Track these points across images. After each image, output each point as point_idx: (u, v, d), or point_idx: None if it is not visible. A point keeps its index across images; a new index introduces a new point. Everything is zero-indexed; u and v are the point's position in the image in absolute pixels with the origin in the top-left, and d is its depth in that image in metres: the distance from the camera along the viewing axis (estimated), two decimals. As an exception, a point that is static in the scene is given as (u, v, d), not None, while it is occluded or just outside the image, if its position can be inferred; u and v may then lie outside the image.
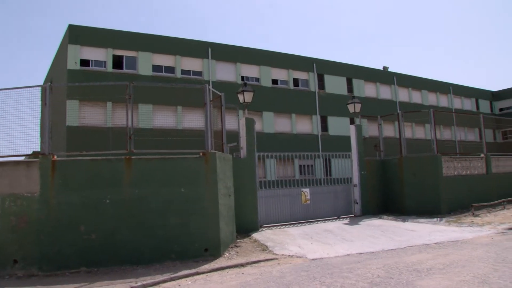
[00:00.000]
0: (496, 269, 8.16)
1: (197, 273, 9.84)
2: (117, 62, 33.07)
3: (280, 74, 41.03)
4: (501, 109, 62.98)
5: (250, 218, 15.87)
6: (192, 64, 36.09)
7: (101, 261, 10.64)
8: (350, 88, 45.35)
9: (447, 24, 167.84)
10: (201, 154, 12.05)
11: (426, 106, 49.05)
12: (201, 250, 11.51)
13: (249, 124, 16.54)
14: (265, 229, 16.36)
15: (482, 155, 22.02)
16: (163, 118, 31.98)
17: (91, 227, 10.80)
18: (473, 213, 17.90)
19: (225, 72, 37.58)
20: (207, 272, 9.96)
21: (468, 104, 59.47)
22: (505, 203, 19.97)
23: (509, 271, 7.98)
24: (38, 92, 11.52)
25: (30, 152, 11.59)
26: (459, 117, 47.99)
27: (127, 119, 11.70)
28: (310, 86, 42.55)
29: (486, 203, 19.25)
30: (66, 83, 29.39)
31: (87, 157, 11.56)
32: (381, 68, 51.42)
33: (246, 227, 15.38)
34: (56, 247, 10.56)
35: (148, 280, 9.24)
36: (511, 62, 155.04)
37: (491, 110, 62.59)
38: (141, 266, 10.67)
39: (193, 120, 29.29)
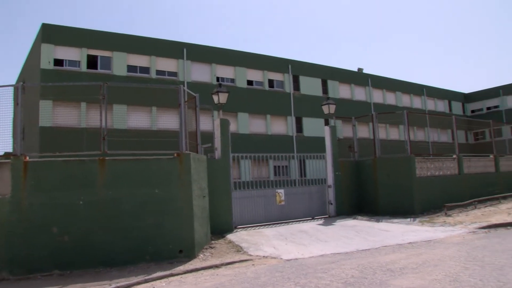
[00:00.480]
0: (467, 268, 8.28)
1: (172, 275, 9.80)
2: (92, 62, 32.73)
3: (255, 75, 41.08)
4: (473, 111, 63.97)
5: (225, 219, 15.87)
6: (167, 64, 35.95)
7: (74, 264, 10.51)
8: (325, 90, 45.58)
9: (421, 27, 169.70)
10: (175, 155, 12.00)
11: (400, 107, 49.51)
12: (176, 252, 11.47)
13: (224, 125, 16.53)
14: (239, 230, 16.36)
15: (454, 156, 22.30)
16: (138, 119, 31.82)
17: (64, 229, 10.66)
18: (446, 213, 18.11)
19: (200, 73, 37.49)
20: (181, 274, 9.92)
21: (441, 106, 60.26)
22: (476, 203, 20.25)
23: (479, 269, 8.10)
24: (10, 91, 11.35)
25: (1, 153, 11.43)
26: (432, 118, 48.57)
27: (100, 120, 11.60)
28: (285, 87, 42.68)
29: (458, 203, 19.50)
30: (39, 83, 29.07)
31: (60, 158, 11.42)
32: (356, 69, 51.81)
33: (220, 228, 15.37)
34: (27, 250, 10.38)
35: (123, 282, 9.17)
36: (483, 65, 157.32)
37: (463, 112, 63.52)
38: (115, 268, 10.57)
39: (168, 121, 29.19)
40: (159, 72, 35.33)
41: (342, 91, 47.55)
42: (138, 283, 9.18)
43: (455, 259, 9.25)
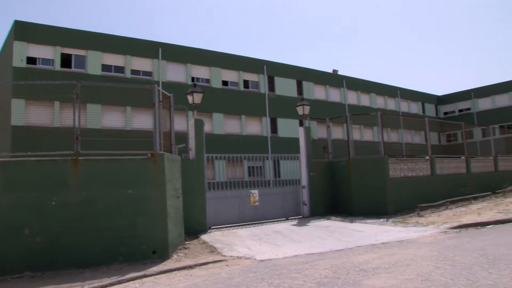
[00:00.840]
0: (438, 267, 8.38)
1: (145, 276, 9.75)
2: (66, 60, 32.39)
3: (231, 75, 41.11)
4: (445, 113, 64.95)
5: (199, 220, 15.83)
6: (142, 64, 35.78)
7: (46, 265, 10.36)
8: (300, 91, 45.80)
9: (395, 29, 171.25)
10: (149, 155, 11.94)
11: (375, 109, 50.00)
12: (149, 252, 11.41)
13: (198, 125, 16.50)
14: (213, 230, 16.35)
15: (427, 157, 22.55)
16: (112, 119, 31.60)
17: (35, 230, 10.50)
18: (418, 214, 18.31)
19: (175, 73, 37.38)
20: (155, 275, 9.88)
21: (414, 108, 61.00)
22: (448, 203, 20.51)
23: (450, 268, 8.21)
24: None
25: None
26: (406, 120, 48.98)
27: (74, 119, 11.51)
28: (260, 88, 42.79)
29: (430, 204, 19.73)
30: (11, 81, 28.76)
31: (32, 158, 11.27)
32: (331, 71, 52.10)
33: (194, 229, 15.33)
34: (-2, 251, 10.25)
35: (95, 283, 9.09)
36: (456, 68, 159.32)
37: (436, 114, 64.40)
38: (88, 269, 10.47)
39: (143, 121, 29.04)
40: (134, 72, 35.16)
41: (317, 92, 47.83)
42: (111, 284, 9.11)
43: (427, 258, 9.36)
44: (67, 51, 32.46)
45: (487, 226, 14.60)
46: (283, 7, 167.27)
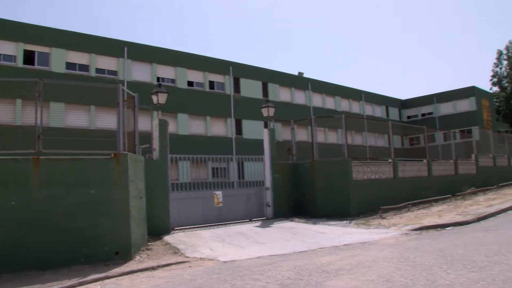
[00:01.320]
0: (399, 268, 8.51)
1: (107, 277, 9.65)
2: (28, 57, 31.81)
3: (196, 76, 41.01)
4: (408, 117, 66.07)
5: (162, 221, 15.72)
6: (107, 63, 35.39)
7: (4, 267, 10.11)
8: (265, 92, 45.95)
9: (360, 33, 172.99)
10: (112, 155, 11.83)
11: (339, 111, 50.47)
12: (112, 253, 11.30)
13: (162, 125, 16.40)
14: (177, 231, 16.26)
15: (390, 160, 22.85)
16: (76, 118, 31.15)
17: (-6, 230, 10.33)
18: (381, 216, 18.53)
19: (141, 73, 37.09)
20: (117, 276, 9.78)
21: (378, 111, 61.85)
22: (410, 205, 20.81)
23: (410, 269, 8.35)
24: None
25: None
26: (370, 123, 49.66)
27: (36, 118, 11.35)
28: (226, 89, 42.80)
29: (393, 206, 20.01)
30: (-30, 78, 28.10)
31: (-8, 157, 11.07)
32: (296, 73, 52.39)
33: (158, 230, 15.21)
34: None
35: (55, 285, 8.96)
36: (419, 73, 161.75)
37: (400, 118, 65.44)
38: (49, 271, 10.29)
39: (107, 120, 28.69)
40: (99, 70, 34.74)
41: (283, 94, 48.06)
42: (72, 286, 8.99)
43: (388, 260, 9.49)
44: (30, 47, 31.88)
45: (447, 228, 14.90)
46: (250, 9, 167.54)
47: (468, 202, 22.47)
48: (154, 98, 17.09)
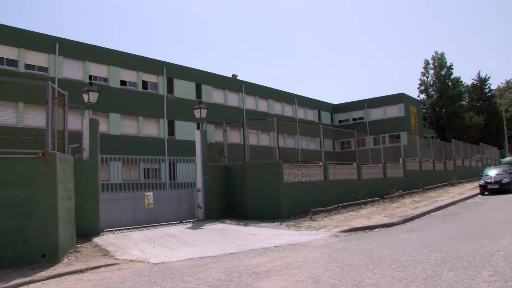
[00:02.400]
0: (328, 269, 8.70)
1: (32, 281, 9.37)
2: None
3: (129, 75, 40.38)
4: (340, 121, 67.53)
5: (92, 222, 15.40)
6: (37, 58, 34.13)
7: None
8: (199, 94, 45.79)
9: (294, 37, 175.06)
10: (40, 154, 11.50)
11: (272, 114, 50.85)
12: (38, 256, 10.96)
13: (93, 125, 16.08)
14: (107, 233, 15.97)
15: (320, 163, 23.25)
16: (3, 115, 30.02)
17: None
18: (311, 218, 18.86)
19: (73, 70, 36.06)
20: (43, 280, 9.52)
21: (311, 115, 62.82)
22: (339, 208, 21.29)
23: (338, 270, 8.55)
24: None
25: None
26: (302, 126, 50.38)
27: (-42, 115, 10.93)
28: (159, 89, 42.35)
29: (323, 208, 20.41)
30: None
31: None
32: (230, 75, 52.47)
33: (87, 232, 14.89)
34: None
35: (-25, 291, 8.66)
36: (351, 78, 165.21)
37: (332, 122, 66.75)
38: (-31, 275, 9.91)
39: (36, 118, 27.84)
40: (28, 66, 33.48)
41: (216, 96, 48.07)
42: (-6, 291, 8.71)
43: (317, 261, 9.68)
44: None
45: (375, 230, 15.39)
46: (184, 10, 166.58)
47: (396, 205, 23.21)
48: (85, 96, 16.74)
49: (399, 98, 63.31)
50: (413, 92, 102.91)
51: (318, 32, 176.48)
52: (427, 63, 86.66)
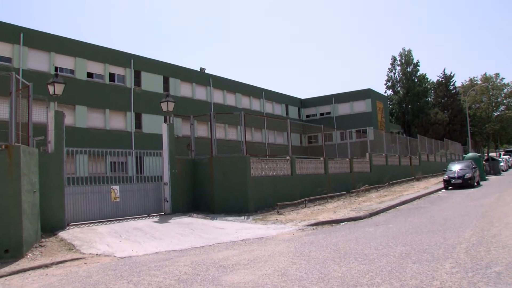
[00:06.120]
0: (294, 262, 8.78)
1: (-5, 276, 9.23)
2: None
3: (96, 67, 39.81)
4: (308, 116, 67.82)
5: (57, 216, 15.20)
6: (0, 48, 33.41)
7: None
8: (166, 87, 45.48)
9: (261, 32, 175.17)
10: (3, 147, 11.30)
11: (240, 108, 50.83)
12: (1, 252, 10.78)
13: (58, 117, 15.84)
14: (73, 227, 15.78)
15: (288, 157, 23.35)
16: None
17: None
18: (278, 212, 18.96)
19: (38, 61, 35.32)
20: (6, 276, 9.37)
21: (278, 109, 62.96)
22: (306, 202, 21.47)
23: (305, 263, 8.63)
24: None
25: None
26: (270, 121, 50.53)
27: None
28: (126, 82, 41.93)
29: (290, 202, 20.55)
30: None
31: None
32: (198, 69, 52.26)
33: (52, 226, 14.71)
34: None
35: None
36: (318, 73, 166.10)
37: (299, 116, 66.98)
38: None
39: (-1, 110, 27.33)
40: (-9, 57, 32.83)
41: (184, 89, 47.80)
42: (-46, 287, 8.54)
43: (284, 254, 9.75)
44: None
45: (341, 223, 15.56)
46: (151, 1, 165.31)
47: (362, 199, 23.48)
48: (51, 88, 16.49)
49: (367, 94, 64.00)
50: (380, 88, 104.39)
51: (287, 27, 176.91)
52: (394, 59, 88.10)
